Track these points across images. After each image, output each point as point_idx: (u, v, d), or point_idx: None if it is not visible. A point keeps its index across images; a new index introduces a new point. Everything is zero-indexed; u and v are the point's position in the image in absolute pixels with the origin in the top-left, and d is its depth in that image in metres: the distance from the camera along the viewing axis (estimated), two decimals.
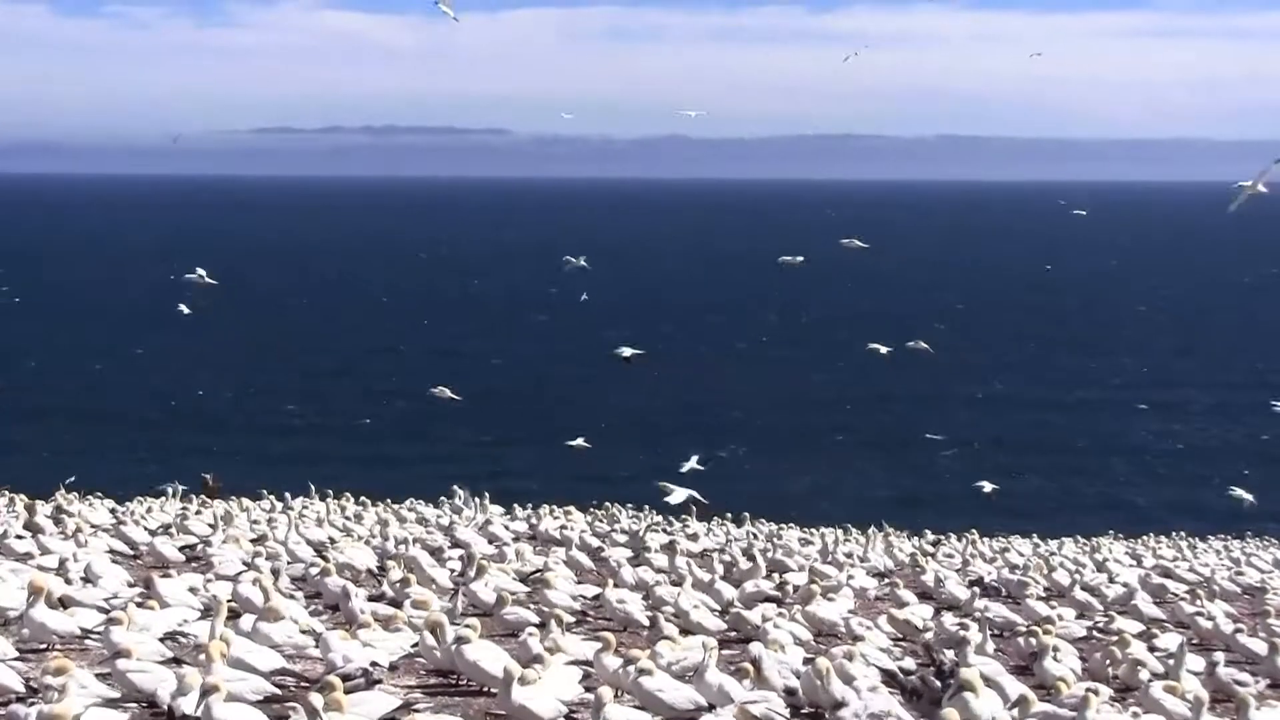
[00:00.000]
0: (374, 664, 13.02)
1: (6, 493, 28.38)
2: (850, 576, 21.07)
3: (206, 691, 10.63)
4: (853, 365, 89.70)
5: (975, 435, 71.01)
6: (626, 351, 28.45)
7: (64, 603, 14.88)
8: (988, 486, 35.92)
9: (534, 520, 27.25)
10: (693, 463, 25.66)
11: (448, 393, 28.80)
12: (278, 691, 12.01)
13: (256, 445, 65.34)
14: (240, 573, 17.71)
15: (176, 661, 12.70)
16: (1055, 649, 14.98)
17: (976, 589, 20.49)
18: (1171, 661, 14.70)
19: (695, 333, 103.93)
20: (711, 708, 12.18)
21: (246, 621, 13.94)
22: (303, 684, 12.49)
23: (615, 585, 17.96)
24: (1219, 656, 15.37)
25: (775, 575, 20.73)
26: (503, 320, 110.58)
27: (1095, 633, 17.99)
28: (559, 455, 65.41)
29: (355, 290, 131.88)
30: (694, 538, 26.92)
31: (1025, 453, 68.05)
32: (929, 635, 16.21)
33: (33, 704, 10.82)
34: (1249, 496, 34.82)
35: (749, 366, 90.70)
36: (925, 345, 30.39)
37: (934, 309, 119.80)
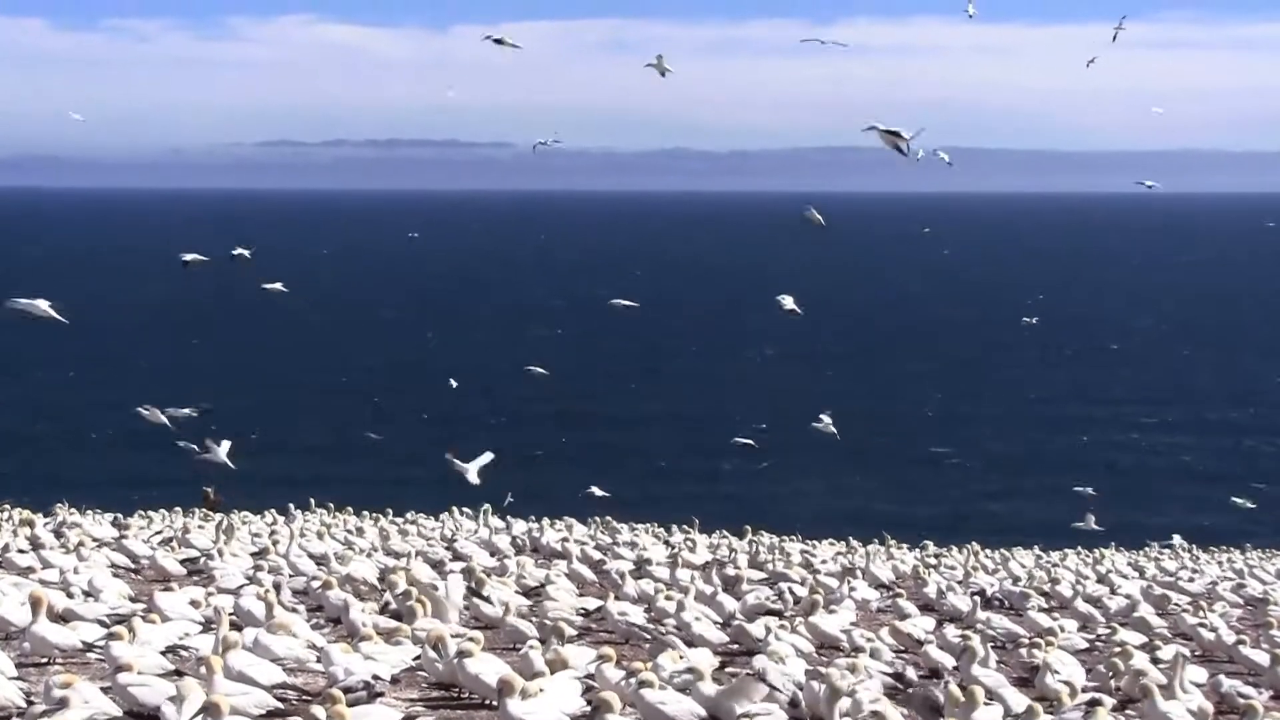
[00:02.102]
0: (376, 677, 13.01)
1: (7, 508, 28.39)
2: (852, 588, 21.05)
3: (206, 710, 10.63)
4: (855, 377, 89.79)
5: (979, 447, 70.97)
6: (788, 303, 28.16)
7: (65, 617, 14.90)
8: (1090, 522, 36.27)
9: (536, 533, 27.23)
10: (481, 461, 25.57)
11: (164, 415, 27.82)
12: (279, 705, 12.01)
13: (259, 459, 65.23)
14: (242, 586, 17.73)
15: (178, 675, 12.70)
16: (1050, 663, 14.96)
17: (978, 600, 20.48)
18: (1171, 672, 14.66)
19: (698, 345, 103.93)
20: None
21: (248, 635, 13.95)
22: (304, 697, 12.49)
23: (617, 598, 17.96)
24: (1221, 677, 15.39)
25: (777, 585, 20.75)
26: (508, 332, 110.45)
27: (1098, 644, 17.98)
28: (562, 468, 65.57)
29: (360, 303, 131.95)
30: (694, 549, 26.91)
31: (1029, 464, 67.98)
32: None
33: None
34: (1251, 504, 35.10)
35: (752, 378, 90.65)
36: (793, 305, 30.23)
37: (941, 322, 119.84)
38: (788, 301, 27.62)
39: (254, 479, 55.99)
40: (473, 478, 24.94)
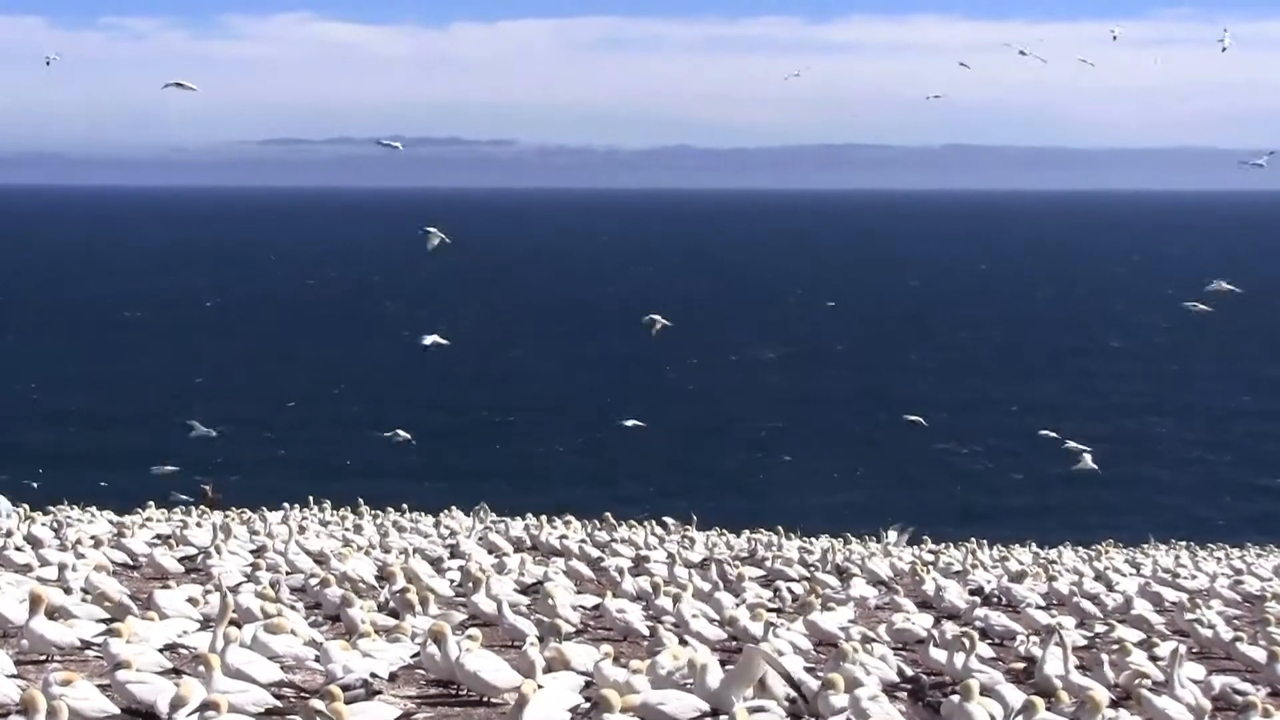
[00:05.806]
0: (374, 674, 13.01)
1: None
2: (850, 586, 21.05)
3: (205, 707, 10.63)
4: (858, 375, 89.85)
5: (978, 444, 70.99)
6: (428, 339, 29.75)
7: (62, 615, 14.90)
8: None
9: (534, 530, 27.23)
10: (434, 338, 26.89)
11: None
12: (278, 703, 12.01)
13: (257, 457, 65.34)
14: (240, 584, 17.72)
15: (176, 673, 12.71)
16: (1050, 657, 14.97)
17: (977, 598, 20.47)
18: (1168, 667, 14.67)
19: (700, 343, 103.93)
20: (715, 716, 12.18)
21: (247, 632, 13.94)
22: (303, 695, 12.50)
23: (615, 595, 17.96)
24: (1212, 678, 15.39)
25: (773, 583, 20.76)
26: (513, 329, 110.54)
27: (1096, 641, 17.98)
28: (564, 465, 65.64)
29: (365, 300, 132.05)
30: (693, 545, 26.92)
31: (1027, 460, 68.00)
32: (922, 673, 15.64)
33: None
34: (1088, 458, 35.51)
35: (754, 377, 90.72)
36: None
37: (947, 319, 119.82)
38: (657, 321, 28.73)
39: (254, 477, 56.24)
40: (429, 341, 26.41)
